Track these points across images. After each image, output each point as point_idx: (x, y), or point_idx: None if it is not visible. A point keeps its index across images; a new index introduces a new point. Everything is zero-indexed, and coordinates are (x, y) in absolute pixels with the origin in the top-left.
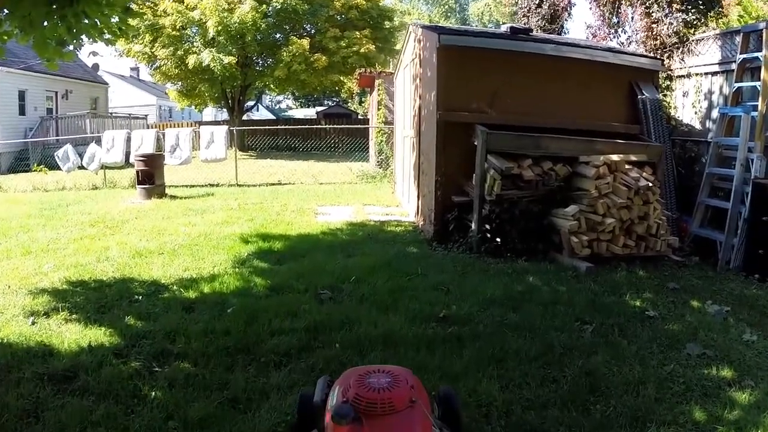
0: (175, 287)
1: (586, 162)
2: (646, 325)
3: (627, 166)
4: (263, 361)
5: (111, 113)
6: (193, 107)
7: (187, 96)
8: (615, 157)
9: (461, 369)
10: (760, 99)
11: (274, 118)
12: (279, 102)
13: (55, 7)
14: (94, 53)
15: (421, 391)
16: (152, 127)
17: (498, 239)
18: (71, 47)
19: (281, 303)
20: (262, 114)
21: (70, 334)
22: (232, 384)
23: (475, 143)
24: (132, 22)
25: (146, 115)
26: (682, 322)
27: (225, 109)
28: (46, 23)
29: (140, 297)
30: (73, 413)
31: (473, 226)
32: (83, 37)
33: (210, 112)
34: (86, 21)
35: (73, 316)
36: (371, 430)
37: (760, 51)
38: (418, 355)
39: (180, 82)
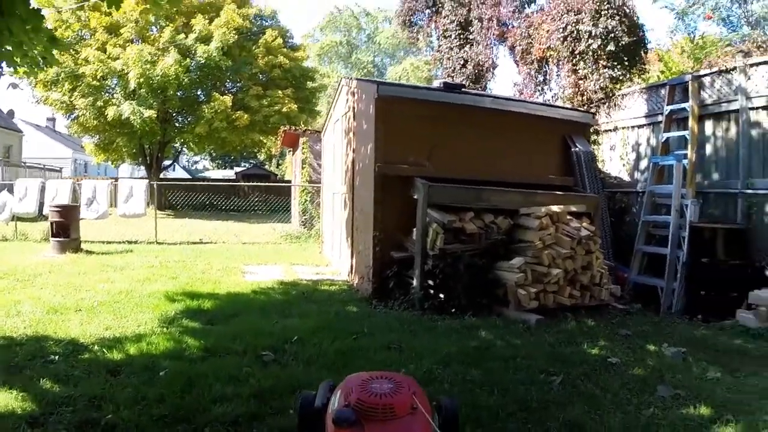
0: (96, 347)
1: (527, 213)
2: (612, 373)
3: (568, 217)
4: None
5: (24, 163)
6: (109, 162)
7: (104, 150)
8: (556, 208)
9: None
10: (689, 147)
11: (191, 178)
12: (196, 162)
13: None
14: (14, 85)
15: (423, 399)
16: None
17: (441, 295)
18: None
19: (220, 366)
20: (178, 173)
21: None
22: None
23: (415, 197)
24: (57, 53)
25: (61, 168)
26: (645, 366)
27: (142, 167)
28: None
29: (57, 357)
30: None
31: (415, 282)
32: (2, 65)
33: (126, 170)
34: (8, 47)
35: None
36: None
37: (687, 102)
38: None
39: (98, 135)
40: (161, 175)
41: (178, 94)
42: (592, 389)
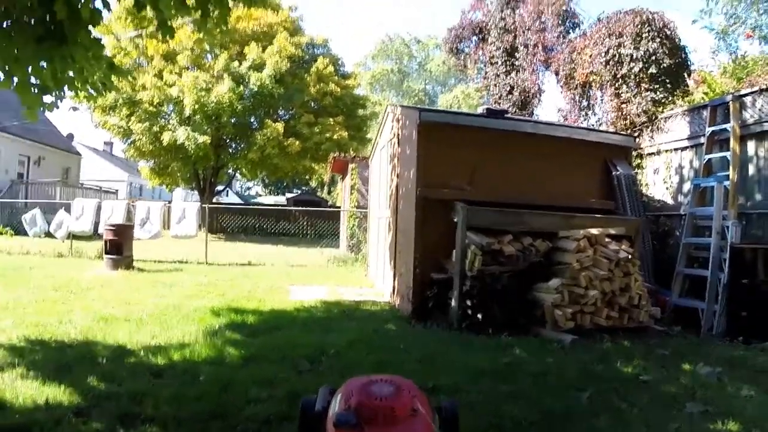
0: (141, 353)
1: (566, 236)
2: (642, 389)
3: (606, 240)
4: (240, 428)
5: (82, 184)
6: (164, 186)
7: (159, 174)
8: (594, 231)
9: None
10: (730, 168)
11: (242, 202)
12: (249, 188)
13: (43, 46)
14: (75, 108)
15: (424, 401)
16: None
17: (479, 315)
18: (53, 98)
19: (257, 372)
20: (231, 199)
21: (26, 390)
22: None
23: (455, 220)
24: (115, 79)
25: (117, 190)
26: (677, 384)
27: (196, 191)
28: (30, 67)
29: (104, 359)
30: None
31: (453, 302)
32: (65, 89)
33: (180, 194)
34: (71, 74)
35: (31, 372)
36: None
37: (728, 123)
38: None
39: (153, 160)
40: (214, 200)
41: (232, 120)
42: (619, 404)
